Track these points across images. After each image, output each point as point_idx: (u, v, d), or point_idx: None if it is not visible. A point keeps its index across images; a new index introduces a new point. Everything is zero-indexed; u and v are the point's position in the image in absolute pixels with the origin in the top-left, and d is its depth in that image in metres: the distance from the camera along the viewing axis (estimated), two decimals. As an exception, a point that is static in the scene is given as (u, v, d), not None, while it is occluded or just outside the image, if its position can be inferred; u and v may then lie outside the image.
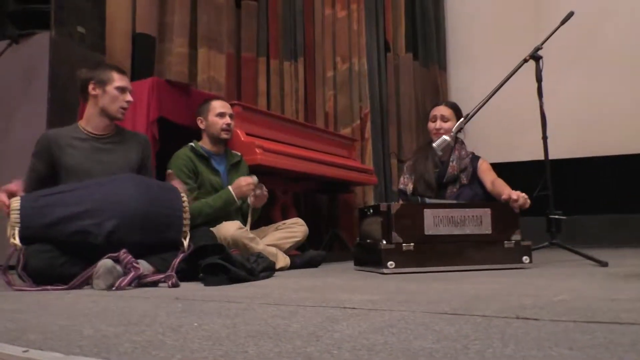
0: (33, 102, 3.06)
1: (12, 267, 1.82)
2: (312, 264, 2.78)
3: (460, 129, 2.53)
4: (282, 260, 2.57)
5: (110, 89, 2.23)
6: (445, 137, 2.47)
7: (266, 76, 4.42)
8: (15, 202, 1.85)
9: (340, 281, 1.92)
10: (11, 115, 3.10)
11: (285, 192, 3.59)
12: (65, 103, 3.01)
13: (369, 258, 2.31)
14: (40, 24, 3.17)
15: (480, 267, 2.18)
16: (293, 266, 2.64)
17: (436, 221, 2.18)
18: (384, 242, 2.16)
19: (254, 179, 2.56)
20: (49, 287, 1.77)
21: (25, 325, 1.00)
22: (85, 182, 2.02)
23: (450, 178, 2.73)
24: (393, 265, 2.12)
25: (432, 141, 2.78)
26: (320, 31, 4.68)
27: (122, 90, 2.25)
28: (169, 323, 1.01)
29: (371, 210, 2.36)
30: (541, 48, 2.55)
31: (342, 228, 4.24)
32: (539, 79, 2.55)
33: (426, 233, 2.18)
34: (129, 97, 2.27)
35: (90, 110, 2.28)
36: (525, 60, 2.54)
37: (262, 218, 3.02)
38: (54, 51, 3.08)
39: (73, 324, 1.01)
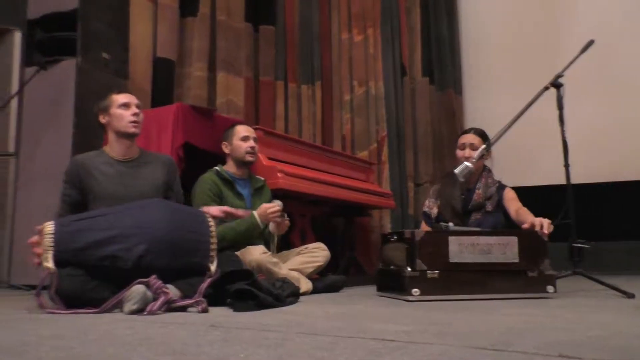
0: (59, 127, 3.13)
1: (44, 288, 1.84)
2: (334, 288, 2.78)
3: (481, 156, 2.55)
4: (305, 285, 2.58)
5: (114, 110, 2.31)
6: (467, 163, 2.49)
7: (284, 100, 4.49)
8: (49, 227, 1.88)
9: (367, 308, 1.93)
10: (39, 139, 3.16)
11: (303, 216, 3.62)
12: (90, 128, 3.06)
13: (393, 284, 2.32)
14: (67, 51, 3.25)
15: (504, 296, 2.17)
16: (314, 290, 2.65)
17: (461, 249, 2.19)
18: (409, 269, 2.17)
19: (280, 205, 2.57)
20: (80, 310, 1.79)
21: (74, 354, 1.02)
22: (115, 208, 2.05)
23: (475, 205, 2.74)
24: (418, 293, 2.12)
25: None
26: (337, 55, 4.76)
27: (125, 106, 2.32)
28: (214, 353, 1.03)
29: (395, 237, 2.37)
30: (562, 75, 2.58)
31: (358, 252, 4.24)
32: (560, 107, 2.57)
33: (451, 261, 2.18)
34: (133, 110, 2.32)
35: (109, 137, 2.35)
36: (547, 88, 2.57)
37: (281, 242, 3.04)
38: (79, 77, 3.16)
39: (120, 353, 1.02)
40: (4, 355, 0.98)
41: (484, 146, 2.52)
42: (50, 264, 1.82)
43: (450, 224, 2.33)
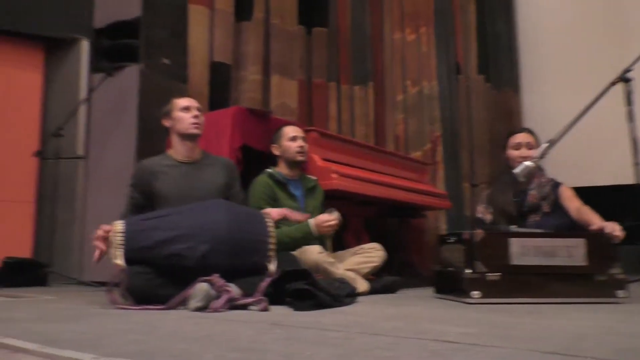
0: (124, 130, 3.28)
1: (115, 285, 1.94)
2: (390, 289, 2.77)
3: (543, 156, 2.47)
4: (362, 285, 2.58)
5: (175, 113, 2.41)
6: (528, 163, 2.42)
7: (337, 101, 4.51)
8: (119, 225, 1.98)
9: (425, 310, 1.91)
10: (105, 143, 3.33)
11: (358, 217, 3.62)
12: (152, 130, 3.19)
13: (451, 286, 2.28)
14: (131, 57, 3.40)
15: (569, 300, 2.09)
16: (371, 291, 2.64)
17: (523, 251, 2.13)
18: (468, 270, 2.13)
19: (337, 217, 2.58)
20: (148, 306, 1.86)
21: (148, 349, 1.07)
22: (180, 208, 2.13)
23: (530, 207, 2.65)
24: (478, 295, 2.08)
25: (508, 169, 2.72)
26: (389, 56, 4.73)
27: (186, 109, 2.41)
28: (279, 351, 1.05)
29: (453, 238, 2.33)
30: (631, 70, 2.46)
31: (413, 253, 4.20)
32: (629, 102, 2.45)
33: (512, 263, 2.12)
34: (194, 112, 2.41)
35: (172, 140, 2.44)
36: (613, 84, 2.46)
37: (336, 243, 3.05)
38: (142, 82, 3.31)
39: (191, 348, 1.06)
40: (85, 347, 1.04)
41: (546, 145, 2.44)
42: (120, 261, 1.91)
43: (511, 226, 2.26)
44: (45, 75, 3.71)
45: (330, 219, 2.58)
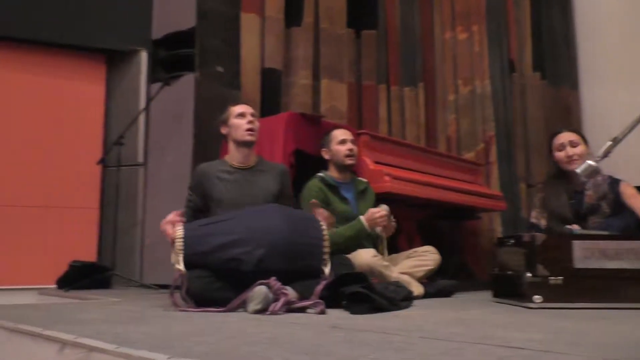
0: (181, 138, 3.40)
1: (176, 288, 2.00)
2: (445, 293, 2.73)
3: (607, 154, 2.36)
4: (416, 288, 2.56)
5: (232, 120, 2.46)
6: (590, 162, 2.31)
7: (387, 103, 4.48)
8: (179, 231, 2.04)
9: (485, 315, 1.87)
10: (163, 150, 3.45)
11: (410, 219, 3.59)
12: (208, 137, 3.29)
13: (510, 290, 2.22)
14: (187, 67, 3.52)
15: (637, 305, 2.00)
16: (425, 295, 2.61)
17: (587, 253, 2.05)
18: (529, 274, 2.07)
19: (386, 209, 2.58)
20: (208, 309, 1.92)
21: (215, 350, 1.10)
22: (236, 213, 2.17)
23: (589, 208, 2.53)
24: (540, 300, 2.01)
25: (560, 172, 2.63)
26: (440, 55, 4.67)
27: (241, 116, 2.45)
28: (343, 353, 1.06)
29: (512, 240, 2.27)
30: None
31: (467, 256, 4.12)
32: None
33: (576, 266, 2.05)
34: (249, 118, 2.45)
35: (229, 147, 2.50)
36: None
37: (388, 246, 3.04)
38: (198, 90, 3.41)
39: (257, 351, 1.09)
40: (156, 347, 1.09)
41: (611, 142, 2.33)
42: (181, 266, 1.98)
43: (575, 226, 2.18)
44: (107, 86, 3.89)
45: (378, 210, 2.57)
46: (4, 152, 3.57)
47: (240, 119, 2.46)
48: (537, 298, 2.02)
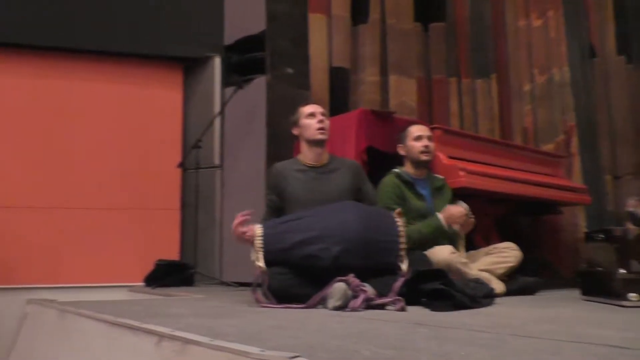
0: (254, 139, 3.49)
1: (258, 286, 2.06)
2: (528, 291, 2.63)
3: None
4: (497, 286, 2.48)
5: (302, 121, 2.49)
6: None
7: (458, 96, 4.37)
8: (259, 229, 2.10)
9: (576, 313, 1.78)
10: (238, 152, 3.56)
11: (487, 215, 3.47)
12: (280, 138, 3.35)
13: (601, 288, 2.10)
14: (258, 70, 3.61)
15: None
16: (507, 292, 2.53)
17: (689, 247, 1.90)
18: (622, 271, 1.95)
19: (465, 208, 2.52)
20: (289, 305, 1.96)
21: (305, 343, 1.13)
22: (313, 210, 2.20)
23: None
24: (636, 298, 1.89)
25: None
26: (513, 44, 4.49)
27: (311, 116, 2.47)
28: (432, 349, 1.05)
29: (601, 235, 2.15)
30: None
31: (549, 252, 3.93)
32: None
33: (676, 261, 1.91)
34: (319, 118, 2.47)
35: (302, 147, 2.54)
36: None
37: (464, 243, 2.96)
38: (269, 92, 3.49)
39: (346, 345, 1.10)
40: (248, 341, 1.12)
41: None
42: (262, 263, 2.04)
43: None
44: (184, 92, 4.07)
45: (457, 208, 2.52)
46: (96, 160, 3.82)
47: (311, 118, 2.49)
48: (632, 296, 1.90)
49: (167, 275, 3.32)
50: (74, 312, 1.78)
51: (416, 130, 2.84)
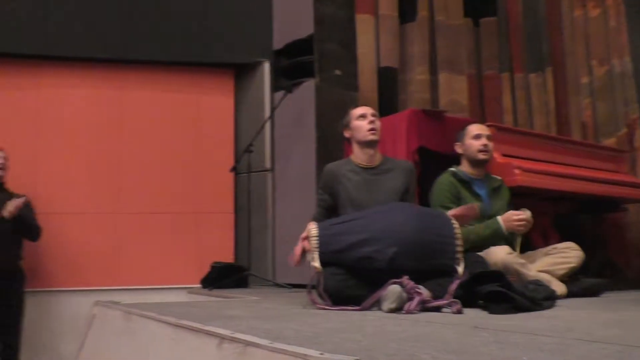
0: (304, 142, 3.52)
1: (313, 287, 2.08)
2: (591, 292, 2.53)
3: None
4: (558, 287, 2.39)
5: (353, 123, 2.49)
6: None
7: (511, 92, 4.27)
8: (314, 230, 2.12)
9: (646, 316, 1.70)
10: (288, 155, 3.61)
11: (544, 214, 3.36)
12: (330, 140, 3.37)
13: (673, 289, 2.00)
14: (307, 73, 3.64)
15: None
16: (569, 294, 2.44)
17: None
18: (696, 271, 1.84)
19: (528, 216, 2.45)
20: (345, 307, 1.96)
21: (364, 346, 1.13)
22: (366, 211, 2.20)
23: None
24: None
25: None
26: (569, 36, 4.32)
27: (362, 117, 2.47)
28: (494, 354, 1.03)
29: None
30: None
31: (613, 252, 3.76)
32: None
33: None
34: (370, 119, 2.46)
35: (354, 149, 2.54)
36: None
37: (521, 243, 2.87)
38: (318, 95, 3.51)
39: (405, 348, 1.10)
40: (306, 343, 1.14)
41: None
42: (317, 263, 2.05)
43: None
44: (235, 98, 4.16)
45: (518, 214, 2.45)
46: (153, 167, 3.97)
47: (362, 120, 2.49)
48: None
49: (222, 277, 3.40)
50: (139, 314, 1.85)
51: (475, 128, 2.79)
